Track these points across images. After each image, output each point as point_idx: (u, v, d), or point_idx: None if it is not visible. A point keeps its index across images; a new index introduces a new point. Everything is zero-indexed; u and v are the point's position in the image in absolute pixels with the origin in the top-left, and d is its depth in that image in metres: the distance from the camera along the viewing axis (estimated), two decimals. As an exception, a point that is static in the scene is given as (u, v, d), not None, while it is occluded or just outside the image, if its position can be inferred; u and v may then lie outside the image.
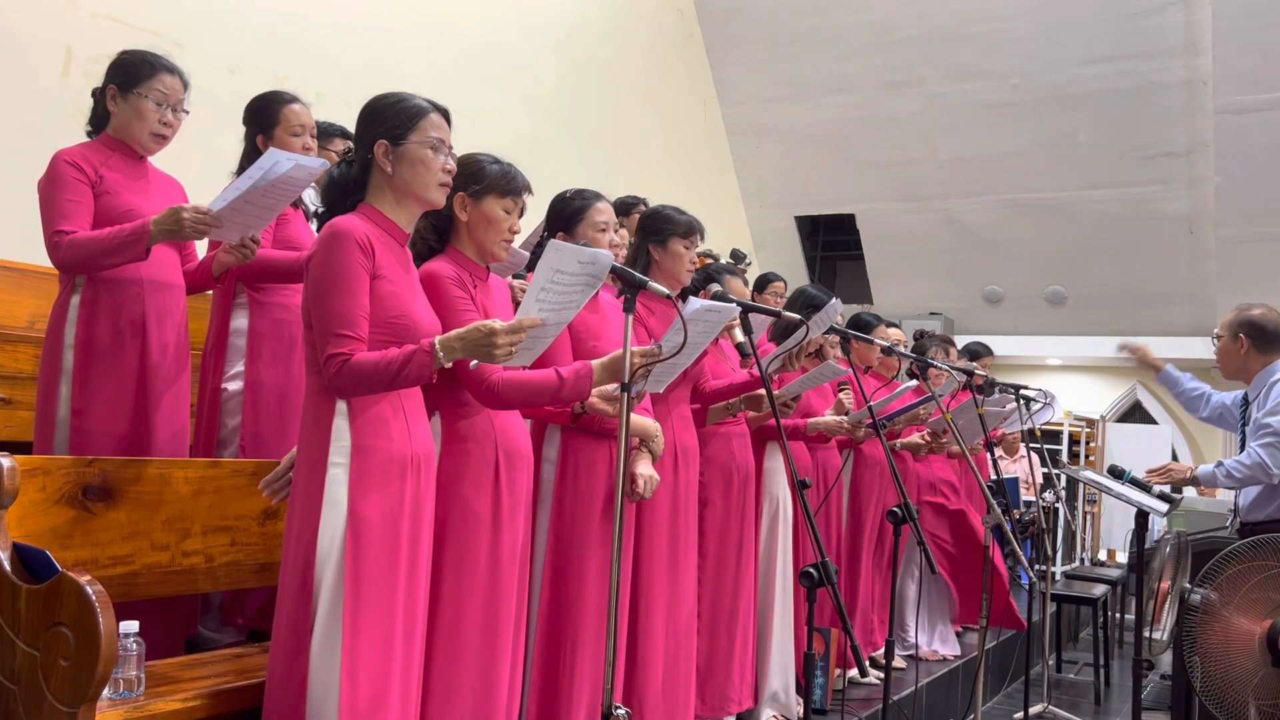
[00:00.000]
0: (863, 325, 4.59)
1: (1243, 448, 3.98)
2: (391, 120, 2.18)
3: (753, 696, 3.47)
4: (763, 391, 3.27)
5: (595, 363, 2.34)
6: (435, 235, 2.42)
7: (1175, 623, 3.53)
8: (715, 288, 3.05)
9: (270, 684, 2.06)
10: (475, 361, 2.11)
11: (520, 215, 2.44)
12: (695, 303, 2.39)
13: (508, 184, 2.38)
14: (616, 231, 2.86)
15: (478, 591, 2.26)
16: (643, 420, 2.70)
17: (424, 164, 2.18)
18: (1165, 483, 4.03)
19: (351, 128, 2.31)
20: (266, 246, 2.90)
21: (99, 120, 2.77)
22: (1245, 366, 3.91)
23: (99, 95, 2.77)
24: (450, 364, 2.08)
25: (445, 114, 2.25)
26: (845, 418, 3.93)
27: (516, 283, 2.96)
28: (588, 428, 2.67)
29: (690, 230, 3.08)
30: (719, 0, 9.75)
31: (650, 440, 2.70)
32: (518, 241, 2.57)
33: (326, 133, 3.45)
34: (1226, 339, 3.97)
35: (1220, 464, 3.83)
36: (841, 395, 3.89)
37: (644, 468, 2.66)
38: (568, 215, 2.77)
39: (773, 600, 3.62)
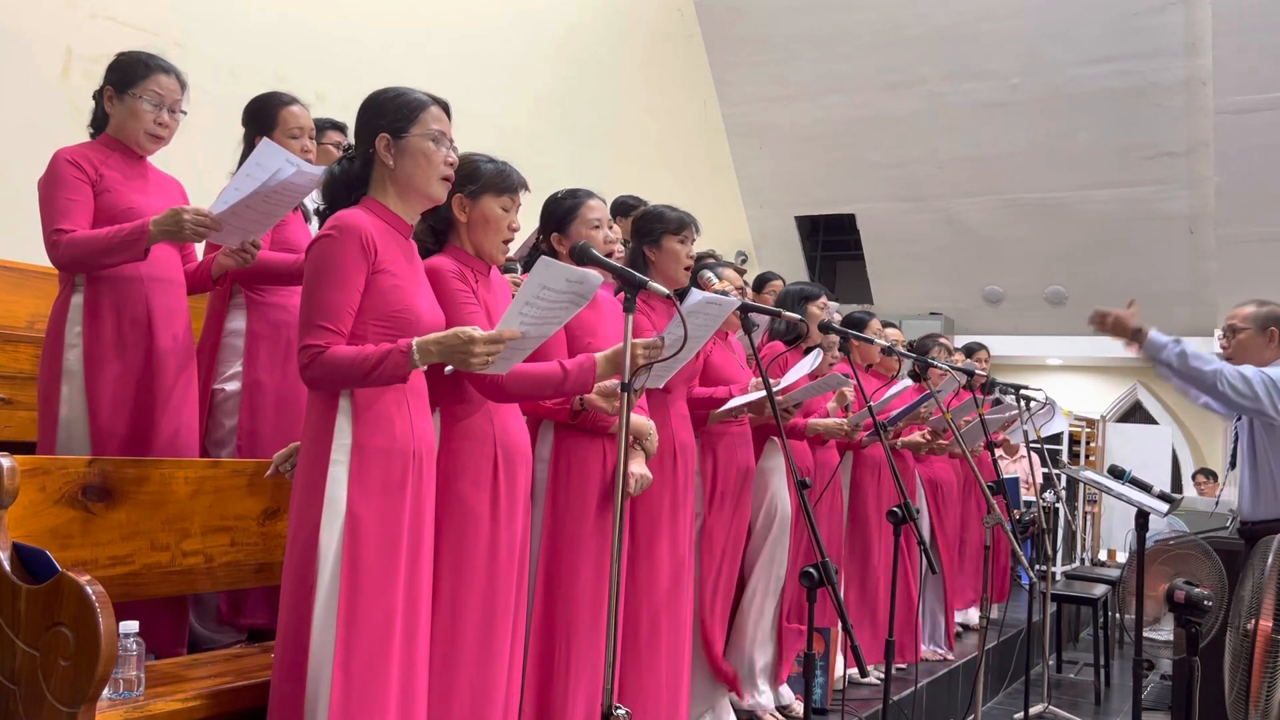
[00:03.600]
0: (857, 323, 4.58)
1: (1235, 441, 3.95)
2: (392, 114, 2.18)
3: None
4: (765, 396, 3.28)
5: (599, 355, 2.34)
6: (433, 238, 2.42)
7: (1174, 622, 3.53)
8: (706, 273, 3.05)
9: (273, 681, 2.07)
10: (450, 367, 2.11)
11: (517, 213, 2.45)
12: (696, 295, 2.39)
13: (503, 182, 2.39)
14: (611, 228, 2.86)
15: (476, 588, 2.26)
16: (637, 418, 2.70)
17: (426, 156, 2.18)
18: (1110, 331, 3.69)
19: (352, 127, 2.31)
20: (264, 248, 2.90)
21: (99, 122, 2.78)
22: (1262, 361, 3.89)
23: (98, 97, 2.77)
24: (426, 366, 2.08)
25: (445, 107, 2.26)
26: (845, 420, 3.93)
27: (511, 276, 2.96)
28: (585, 425, 2.67)
29: (682, 225, 3.07)
30: (719, 0, 9.75)
31: (643, 438, 2.70)
32: (516, 243, 2.57)
33: (318, 127, 3.45)
34: (1252, 332, 3.90)
35: (1216, 361, 3.68)
36: (844, 388, 3.90)
37: (636, 466, 2.65)
38: (561, 215, 2.78)
39: (770, 600, 3.63)
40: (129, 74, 2.72)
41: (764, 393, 3.44)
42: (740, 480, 3.41)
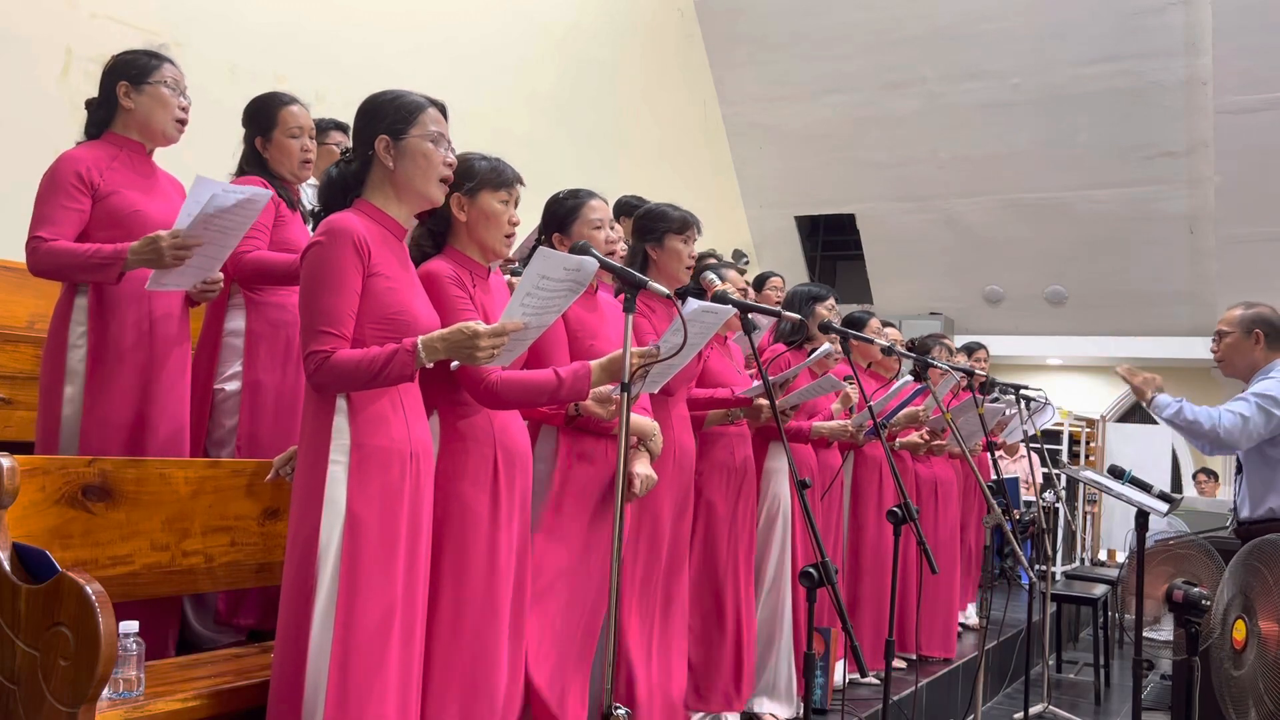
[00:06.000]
0: (856, 323, 4.59)
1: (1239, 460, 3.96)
2: (391, 116, 2.19)
3: (745, 693, 3.49)
4: (763, 402, 3.28)
5: (594, 363, 2.35)
6: (431, 241, 2.43)
7: (1175, 622, 3.53)
8: (709, 275, 3.05)
9: (273, 681, 2.07)
10: (456, 362, 2.12)
11: (515, 206, 2.46)
12: (693, 304, 2.40)
13: (498, 177, 2.40)
14: (612, 228, 2.86)
15: (476, 589, 2.26)
16: (641, 419, 2.70)
17: (426, 157, 2.19)
18: (1132, 384, 3.97)
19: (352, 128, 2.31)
20: (263, 249, 2.91)
21: (97, 128, 2.77)
22: (1253, 363, 3.89)
23: (99, 103, 2.76)
24: (432, 364, 2.09)
25: (442, 109, 2.27)
26: (849, 422, 3.94)
27: (513, 280, 2.97)
28: (587, 427, 2.67)
29: (685, 225, 3.07)
30: (719, 0, 9.75)
31: (648, 439, 2.71)
32: (515, 241, 2.58)
33: (320, 127, 3.46)
34: (1238, 335, 3.92)
35: (1212, 412, 3.79)
36: (848, 389, 3.90)
37: (641, 467, 2.66)
38: (562, 215, 2.78)
39: (773, 600, 3.63)
40: (143, 67, 2.74)
41: (780, 378, 3.47)
42: (741, 481, 3.42)
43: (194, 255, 2.55)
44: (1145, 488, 3.87)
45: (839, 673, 4.07)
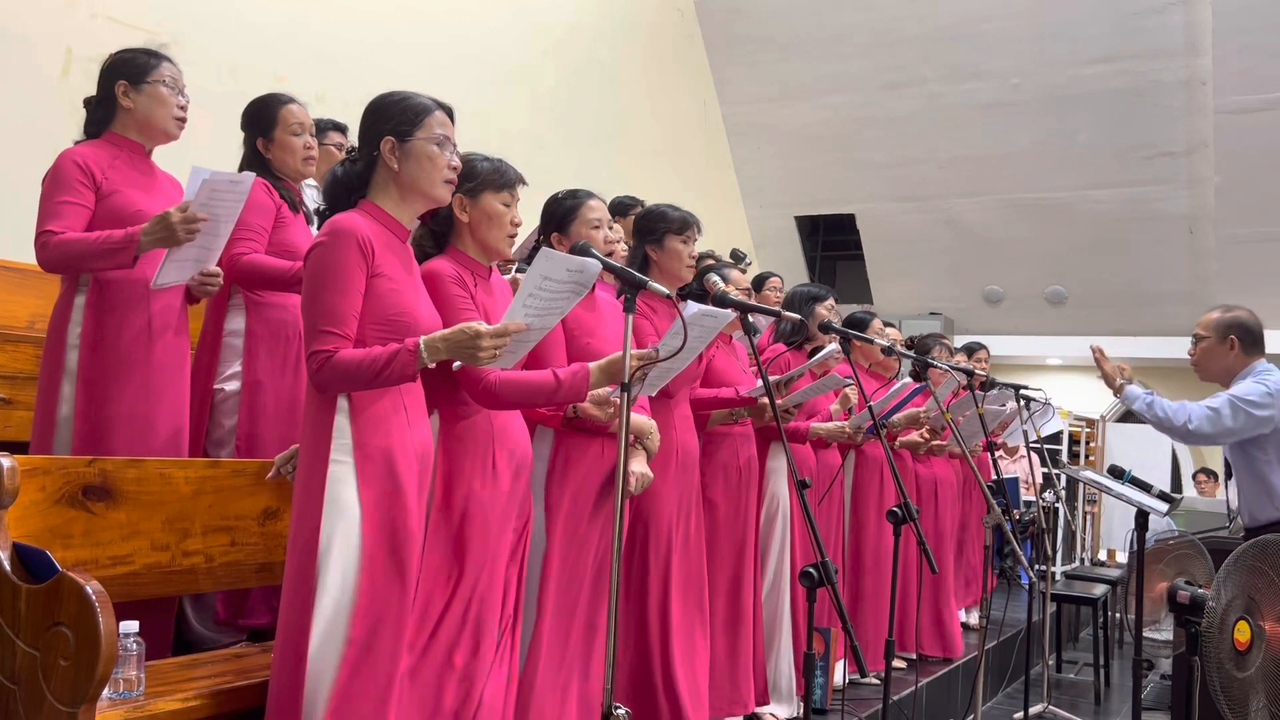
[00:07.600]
0: (858, 323, 4.59)
1: (1227, 466, 3.95)
2: (398, 117, 2.20)
3: (758, 696, 3.49)
4: (764, 401, 3.29)
5: (593, 365, 2.35)
6: (433, 241, 2.43)
7: (1175, 622, 3.52)
8: (713, 276, 3.05)
9: (272, 680, 2.07)
10: (458, 363, 2.12)
11: (517, 206, 2.47)
12: (694, 307, 2.41)
13: (500, 178, 2.41)
14: (610, 228, 2.87)
15: (477, 589, 2.26)
16: (637, 418, 2.71)
17: (430, 160, 2.20)
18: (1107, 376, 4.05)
19: (353, 127, 2.32)
20: (259, 251, 2.91)
21: (101, 123, 2.77)
22: (1229, 368, 3.88)
23: (97, 102, 2.76)
24: (434, 364, 2.09)
25: (449, 112, 2.28)
26: (847, 423, 3.94)
27: (517, 276, 2.97)
28: (584, 426, 2.67)
29: (685, 225, 3.08)
30: (719, 0, 9.75)
31: (644, 438, 2.71)
32: (516, 242, 2.59)
33: (319, 128, 3.46)
34: (1213, 340, 3.91)
35: (1185, 405, 3.82)
36: (847, 389, 3.90)
37: (637, 465, 2.66)
38: (561, 215, 2.79)
39: (773, 600, 3.64)
40: (141, 66, 2.74)
41: (785, 377, 3.48)
42: (745, 480, 3.42)
43: (194, 242, 2.55)
44: (1145, 488, 3.87)
45: (839, 673, 4.08)
